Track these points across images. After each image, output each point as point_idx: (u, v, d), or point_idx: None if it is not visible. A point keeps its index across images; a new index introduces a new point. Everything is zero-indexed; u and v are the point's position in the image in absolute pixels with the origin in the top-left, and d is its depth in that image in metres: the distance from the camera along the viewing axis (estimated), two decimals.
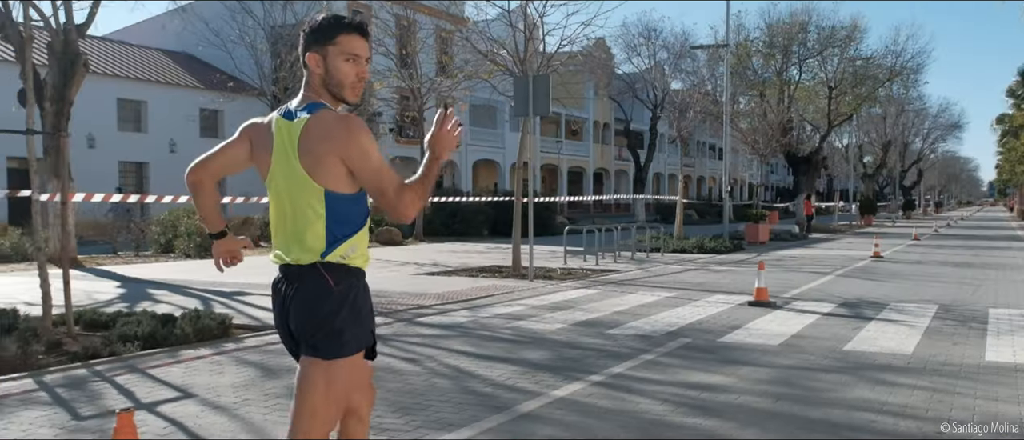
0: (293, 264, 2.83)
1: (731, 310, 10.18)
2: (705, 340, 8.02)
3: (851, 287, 13.10)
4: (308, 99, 2.88)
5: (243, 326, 8.56)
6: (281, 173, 2.85)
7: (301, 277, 2.82)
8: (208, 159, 3.13)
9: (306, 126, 2.78)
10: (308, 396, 2.81)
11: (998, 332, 8.64)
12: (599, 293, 12.06)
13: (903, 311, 10.21)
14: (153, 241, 20.74)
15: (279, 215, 2.90)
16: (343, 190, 2.80)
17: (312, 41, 2.87)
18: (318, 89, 2.88)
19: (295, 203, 2.82)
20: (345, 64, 2.85)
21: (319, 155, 2.76)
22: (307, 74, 2.91)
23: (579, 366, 6.73)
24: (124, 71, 34.27)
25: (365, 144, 2.78)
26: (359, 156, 2.77)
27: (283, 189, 2.85)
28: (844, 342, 7.95)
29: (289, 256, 2.85)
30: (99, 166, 31.55)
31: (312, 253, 2.80)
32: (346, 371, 2.83)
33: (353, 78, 2.87)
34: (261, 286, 12.59)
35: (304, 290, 2.81)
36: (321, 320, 2.79)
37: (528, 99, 13.62)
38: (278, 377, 6.24)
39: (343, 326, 2.80)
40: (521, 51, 15.13)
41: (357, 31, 2.89)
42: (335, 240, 2.81)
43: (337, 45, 2.85)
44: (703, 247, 21.60)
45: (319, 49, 2.86)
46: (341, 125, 2.77)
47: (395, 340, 7.91)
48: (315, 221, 2.80)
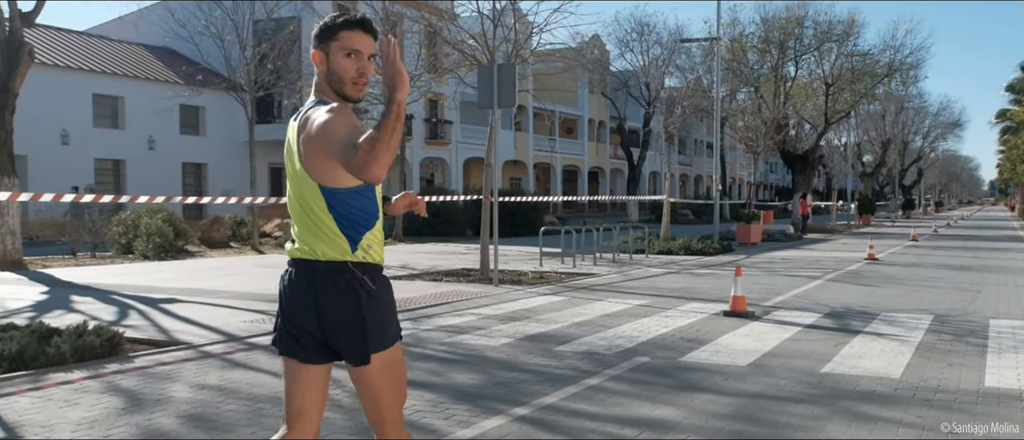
0: (320, 260, 2.81)
1: (703, 321, 9.18)
2: (664, 359, 7.02)
3: (840, 293, 12.10)
4: (316, 97, 2.88)
5: (143, 341, 7.57)
6: (291, 173, 2.89)
7: (331, 274, 2.80)
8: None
9: (299, 124, 2.81)
10: (383, 390, 2.91)
11: (999, 349, 7.64)
12: (564, 301, 11.07)
13: (894, 322, 9.21)
14: (114, 242, 19.76)
15: (295, 214, 2.90)
16: (340, 184, 2.77)
17: (317, 39, 2.87)
18: (323, 86, 2.88)
19: (303, 202, 2.83)
20: (345, 59, 2.83)
21: (306, 152, 2.76)
22: (315, 73, 2.91)
23: (508, 394, 5.74)
24: (100, 66, 33.27)
25: (319, 121, 2.69)
26: (317, 135, 2.67)
27: (294, 188, 2.88)
28: (823, 362, 6.94)
29: (312, 252, 2.83)
30: (73, 163, 30.59)
31: (339, 251, 2.81)
32: (398, 356, 2.96)
33: (353, 73, 2.84)
34: (202, 292, 11.61)
35: (341, 292, 2.81)
36: (369, 318, 2.82)
37: (493, 90, 12.62)
38: (141, 410, 5.25)
39: (388, 317, 2.90)
40: (490, 41, 14.12)
41: (359, 27, 2.85)
42: (351, 238, 2.82)
43: (338, 41, 2.83)
44: (690, 249, 20.59)
45: (322, 46, 2.85)
46: (310, 114, 2.76)
47: None
48: (324, 217, 2.80)
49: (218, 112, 34.93)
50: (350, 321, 2.81)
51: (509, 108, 13.07)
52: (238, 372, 6.37)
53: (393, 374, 2.92)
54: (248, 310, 9.81)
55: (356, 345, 2.84)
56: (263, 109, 36.46)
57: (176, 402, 5.44)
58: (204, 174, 36.75)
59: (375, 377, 2.88)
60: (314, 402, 2.97)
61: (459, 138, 46.46)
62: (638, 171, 44.83)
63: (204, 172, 36.68)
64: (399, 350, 2.98)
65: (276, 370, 6.45)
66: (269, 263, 17.37)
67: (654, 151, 49.83)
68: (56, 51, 32.35)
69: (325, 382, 3.00)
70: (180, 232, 20.28)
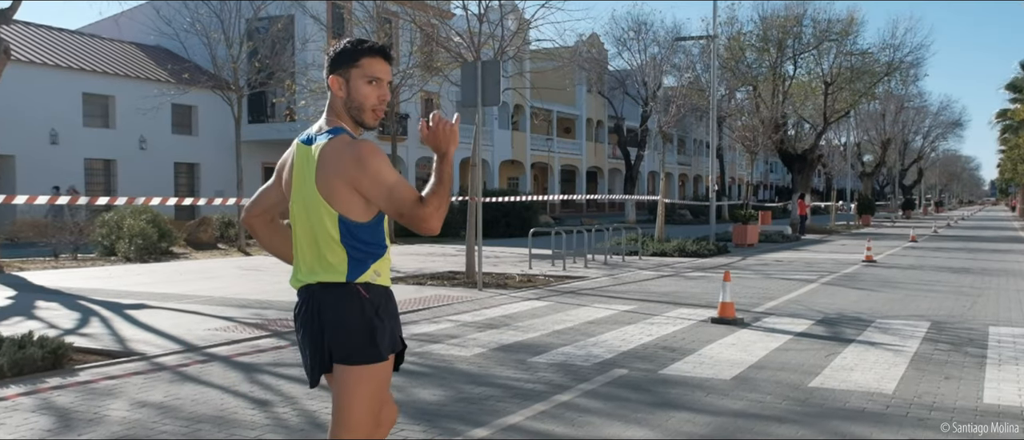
0: (322, 282, 2.83)
1: (689, 329, 8.78)
2: (643, 372, 6.62)
3: (835, 298, 11.70)
4: (330, 123, 2.88)
5: (94, 351, 7.18)
6: (300, 197, 2.86)
7: (329, 289, 2.82)
8: (252, 203, 3.19)
9: (322, 152, 2.79)
10: (345, 404, 2.83)
11: (999, 360, 7.23)
12: (548, 306, 10.67)
13: (889, 330, 8.80)
14: (97, 243, 19.37)
15: (301, 238, 2.89)
16: (358, 218, 2.80)
17: (335, 64, 2.88)
18: (340, 112, 2.89)
19: (314, 228, 2.82)
20: (367, 87, 2.86)
21: (333, 183, 2.77)
22: (330, 97, 2.92)
23: (470, 413, 5.34)
24: (91, 64, 32.86)
25: (374, 168, 2.76)
26: (370, 182, 2.76)
27: (302, 213, 2.86)
28: (812, 375, 6.54)
29: (313, 276, 2.85)
30: (62, 163, 30.19)
31: (338, 274, 2.81)
32: (380, 376, 2.86)
33: (374, 101, 2.87)
34: (175, 296, 11.20)
35: (336, 302, 2.82)
36: (353, 327, 2.81)
37: (477, 87, 12.22)
38: (70, 430, 4.85)
39: (375, 331, 2.82)
40: (475, 36, 13.71)
41: (380, 54, 2.90)
42: (357, 265, 2.82)
43: (360, 67, 2.86)
44: (685, 250, 20.18)
45: (342, 72, 2.87)
46: (351, 152, 2.76)
47: (268, 371, 6.52)
48: (334, 246, 2.81)
49: (211, 111, 34.51)
50: (337, 327, 2.82)
51: (495, 106, 12.65)
52: (186, 387, 5.97)
53: (360, 398, 2.81)
54: (217, 317, 9.42)
55: (335, 349, 2.84)
56: (255, 108, 36.06)
57: (108, 423, 5.04)
58: (197, 174, 36.35)
59: (339, 388, 2.84)
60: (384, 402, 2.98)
61: None
62: (635, 171, 44.43)
63: (197, 172, 36.28)
64: (379, 378, 2.86)
65: (227, 384, 6.06)
66: (252, 266, 16.98)
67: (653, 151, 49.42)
68: (45, 50, 31.96)
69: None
70: (165, 233, 19.89)
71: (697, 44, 37.87)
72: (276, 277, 14.04)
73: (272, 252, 3.21)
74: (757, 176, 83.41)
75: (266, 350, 7.40)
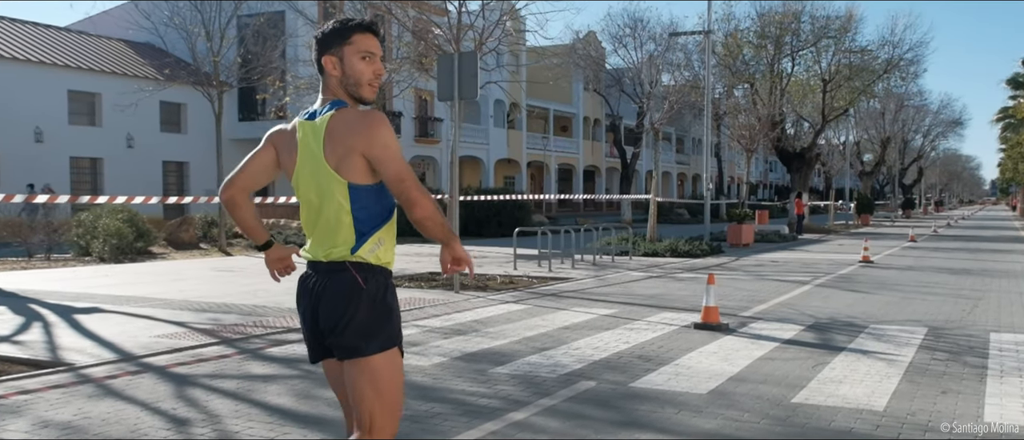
0: (325, 261, 2.88)
1: (670, 336, 8.22)
2: (612, 385, 6.06)
3: (828, 301, 11.13)
4: (328, 99, 2.93)
5: (20, 361, 6.62)
6: (308, 172, 2.91)
7: (330, 274, 2.87)
8: (236, 175, 3.12)
9: (330, 123, 2.86)
10: (364, 397, 2.86)
11: (1001, 371, 6.68)
12: (524, 310, 10.11)
13: (883, 337, 8.24)
14: (73, 243, 18.82)
15: (309, 213, 2.95)
16: (366, 181, 2.86)
17: (327, 45, 2.93)
18: (336, 91, 2.94)
19: (323, 199, 2.87)
20: (361, 62, 2.92)
21: (343, 150, 2.84)
22: (324, 78, 2.96)
23: (411, 433, 4.78)
24: (76, 61, 32.31)
25: (386, 136, 2.86)
26: (380, 148, 2.84)
27: (311, 188, 2.91)
28: (796, 388, 5.99)
29: (321, 253, 2.90)
30: (47, 162, 29.66)
31: (344, 247, 2.86)
32: (389, 364, 2.89)
33: (370, 75, 2.93)
34: (134, 299, 10.52)
35: (334, 288, 2.86)
36: (353, 319, 2.84)
37: (453, 80, 11.66)
38: None
39: (375, 323, 2.86)
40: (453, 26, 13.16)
41: (370, 30, 2.97)
42: (363, 233, 2.87)
43: (352, 44, 2.91)
44: (677, 250, 19.61)
45: (335, 51, 2.92)
46: (363, 120, 2.85)
47: (202, 384, 5.97)
48: (343, 215, 2.87)
49: (201, 109, 33.81)
50: (338, 321, 2.84)
51: (473, 99, 12.10)
52: (103, 403, 5.41)
53: (377, 384, 2.86)
54: (169, 322, 8.86)
55: (340, 345, 2.87)
56: (246, 106, 35.50)
57: None
58: (186, 173, 35.77)
59: (353, 381, 2.87)
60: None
61: (450, 136, 45.48)
62: (632, 169, 43.89)
63: (186, 171, 35.70)
64: (393, 361, 2.92)
65: (151, 399, 5.51)
66: (229, 267, 16.43)
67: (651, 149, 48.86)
68: (29, 47, 31.41)
69: None
70: (143, 233, 19.35)
71: (694, 42, 37.34)
72: (249, 279, 13.50)
73: (247, 227, 3.18)
74: (757, 175, 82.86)
75: (209, 359, 6.85)
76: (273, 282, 3.38)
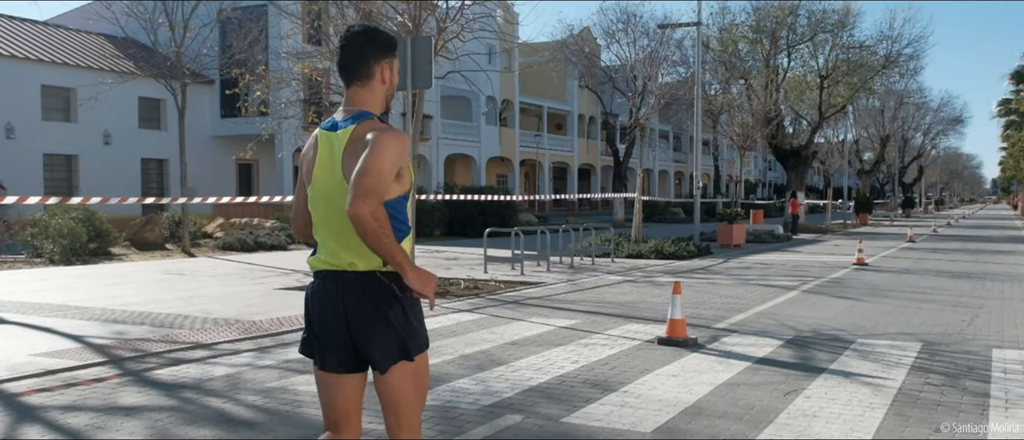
0: (348, 270, 2.83)
1: (629, 353, 7.23)
2: (543, 421, 5.07)
3: (814, 310, 10.14)
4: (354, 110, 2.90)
5: None
6: (326, 182, 2.88)
7: (360, 284, 2.82)
8: (293, 217, 3.11)
9: (352, 136, 2.83)
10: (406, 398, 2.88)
11: (1006, 400, 5.69)
12: (475, 321, 9.12)
13: (871, 355, 7.25)
14: (27, 244, 17.85)
15: (325, 223, 2.90)
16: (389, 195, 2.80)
17: (389, 48, 2.95)
18: (379, 101, 2.95)
19: (340, 211, 2.81)
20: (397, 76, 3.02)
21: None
22: (365, 82, 2.92)
23: None
24: (50, 55, 31.33)
25: (386, 143, 2.75)
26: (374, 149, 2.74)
27: (328, 197, 2.87)
28: (762, 424, 5.00)
29: (339, 262, 2.85)
30: (19, 159, 28.69)
31: (367, 260, 2.80)
32: (426, 362, 2.94)
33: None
34: (51, 307, 9.46)
35: (373, 298, 2.81)
36: (396, 326, 2.81)
37: (407, 68, 10.67)
38: None
39: (416, 325, 2.87)
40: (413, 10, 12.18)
41: None
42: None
43: (397, 58, 2.98)
44: (662, 252, 18.61)
45: (390, 59, 2.96)
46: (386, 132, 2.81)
47: (48, 420, 4.98)
48: None
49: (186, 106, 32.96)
50: (378, 329, 2.81)
51: (427, 89, 11.12)
52: None
53: (417, 383, 2.90)
54: (67, 336, 7.87)
55: (384, 353, 2.83)
56: (229, 102, 34.53)
57: None
58: (166, 170, 34.74)
59: (399, 385, 2.86)
60: (354, 407, 2.96)
61: (440, 134, 44.51)
62: (624, 168, 42.89)
63: (166, 168, 34.68)
64: (426, 358, 2.93)
65: None
66: (182, 270, 15.44)
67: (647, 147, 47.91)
68: (1, 40, 30.44)
69: (360, 388, 2.97)
70: (100, 233, 18.38)
71: (690, 39, 36.33)
72: (194, 283, 12.54)
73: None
74: (756, 173, 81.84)
75: (78, 384, 5.87)
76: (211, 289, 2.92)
